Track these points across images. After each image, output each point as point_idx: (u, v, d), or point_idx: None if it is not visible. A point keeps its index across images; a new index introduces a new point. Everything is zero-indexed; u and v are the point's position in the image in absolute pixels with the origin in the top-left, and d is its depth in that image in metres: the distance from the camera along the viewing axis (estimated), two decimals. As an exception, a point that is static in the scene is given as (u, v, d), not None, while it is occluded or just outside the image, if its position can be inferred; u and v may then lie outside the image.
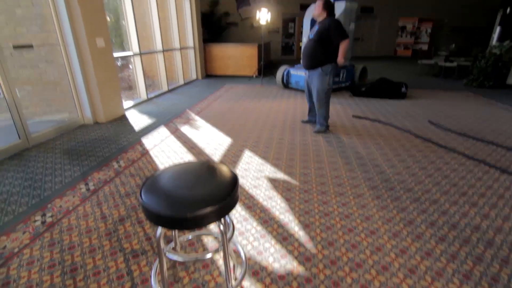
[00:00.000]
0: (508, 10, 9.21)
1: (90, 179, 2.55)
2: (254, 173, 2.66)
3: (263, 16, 6.71)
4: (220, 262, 1.61)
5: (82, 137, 3.62)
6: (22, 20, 3.84)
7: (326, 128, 3.75)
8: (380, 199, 2.25)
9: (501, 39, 8.72)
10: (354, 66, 6.61)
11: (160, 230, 1.14)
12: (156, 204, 1.04)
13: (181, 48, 7.29)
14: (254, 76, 8.31)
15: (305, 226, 1.92)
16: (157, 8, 6.03)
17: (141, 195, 1.09)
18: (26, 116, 3.39)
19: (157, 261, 1.45)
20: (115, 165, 2.82)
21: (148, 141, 3.47)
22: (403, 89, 5.61)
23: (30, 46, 3.68)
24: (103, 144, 3.39)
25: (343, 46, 3.27)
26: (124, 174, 2.64)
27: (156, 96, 5.98)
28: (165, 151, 3.18)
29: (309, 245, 1.75)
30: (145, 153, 3.13)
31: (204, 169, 1.27)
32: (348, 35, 3.30)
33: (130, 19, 5.19)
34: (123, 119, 4.43)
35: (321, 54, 3.38)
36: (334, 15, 3.41)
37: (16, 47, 3.55)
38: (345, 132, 3.81)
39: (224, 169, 1.26)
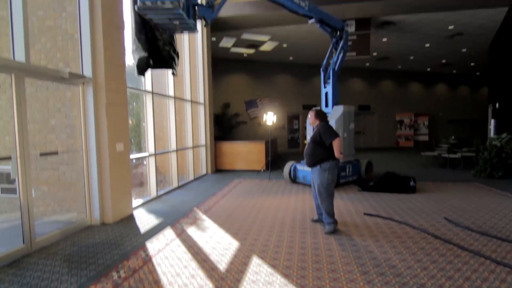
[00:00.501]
0: (497, 105, 9.96)
1: (85, 294, 2.36)
2: (263, 287, 2.43)
3: (270, 118, 7.38)
4: None
5: (86, 241, 3.54)
6: (53, 128, 4.30)
7: (335, 225, 3.67)
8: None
9: (497, 131, 9.12)
10: (359, 160, 6.81)
11: None
12: None
13: (193, 147, 7.79)
14: (262, 170, 8.54)
15: None
16: (175, 111, 6.73)
17: None
18: (35, 216, 3.40)
19: None
20: (115, 276, 2.65)
21: (152, 246, 3.34)
22: (412, 183, 5.59)
23: (55, 153, 4.00)
24: (106, 249, 3.28)
25: (335, 145, 3.58)
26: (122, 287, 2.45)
27: (165, 193, 6.07)
28: (168, 257, 3.03)
29: None
30: (148, 260, 2.97)
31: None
32: (338, 135, 3.67)
33: (150, 122, 5.74)
34: (130, 219, 4.39)
35: (318, 153, 3.69)
36: (326, 120, 3.89)
37: (42, 154, 3.86)
38: (358, 232, 3.63)
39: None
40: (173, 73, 5.04)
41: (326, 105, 6.82)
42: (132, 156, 5.12)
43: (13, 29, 3.35)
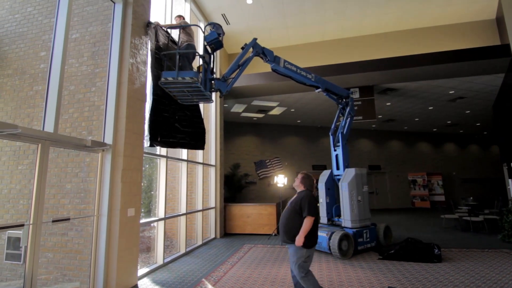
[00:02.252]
0: (512, 165, 9.75)
1: None
2: None
3: (280, 180, 7.36)
4: None
5: (86, 318, 3.26)
6: (68, 193, 4.36)
7: None
8: None
9: (518, 192, 8.75)
10: (377, 225, 6.49)
11: None
12: None
13: (203, 209, 7.65)
14: (274, 234, 8.17)
15: None
16: (187, 174, 6.81)
17: None
18: (37, 285, 3.21)
19: None
20: None
21: (157, 325, 3.04)
22: (436, 251, 5.19)
23: (67, 219, 3.98)
24: (107, 328, 2.99)
25: (306, 222, 3.12)
26: None
27: (172, 260, 5.76)
28: None
29: None
30: None
31: None
32: (316, 215, 3.17)
33: (162, 187, 5.78)
34: (134, 291, 4.11)
35: (297, 226, 3.19)
36: (312, 191, 3.46)
37: (55, 220, 3.84)
38: (384, 310, 3.27)
39: None
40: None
41: (338, 168, 6.83)
42: (142, 221, 5.03)
43: (47, 102, 3.68)
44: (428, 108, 12.58)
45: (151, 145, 4.80)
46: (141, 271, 4.87)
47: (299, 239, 3.11)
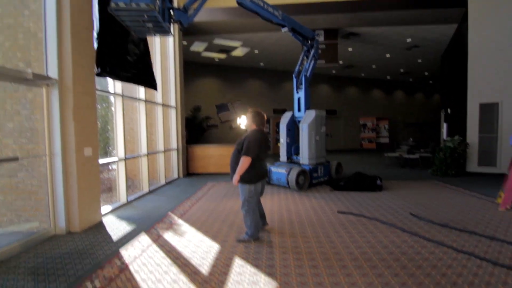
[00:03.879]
0: (449, 110, 10.96)
1: (58, 308, 2.20)
2: (248, 286, 2.45)
3: (243, 122, 7.42)
4: None
5: (51, 252, 3.27)
6: (11, 132, 3.95)
7: (249, 239, 3.39)
8: None
9: (449, 133, 10.04)
10: (330, 162, 7.11)
11: None
12: None
13: (165, 150, 7.57)
14: (236, 173, 8.53)
15: None
16: (146, 115, 6.51)
17: None
18: None
19: None
20: (89, 286, 2.50)
21: (127, 253, 3.19)
22: (379, 182, 5.95)
23: (15, 159, 3.68)
24: (76, 259, 3.07)
25: (241, 162, 3.19)
26: (99, 298, 2.32)
27: (136, 199, 5.82)
28: (146, 264, 2.92)
29: None
30: (124, 268, 2.84)
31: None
32: (252, 155, 3.20)
33: (119, 126, 5.50)
34: (99, 227, 4.15)
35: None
36: (261, 130, 3.47)
37: (1, 160, 3.53)
38: (333, 229, 3.79)
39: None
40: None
41: (299, 110, 7.05)
42: (101, 161, 4.86)
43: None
44: (386, 55, 13.05)
45: (100, 74, 4.40)
46: (105, 209, 4.87)
47: (234, 179, 3.28)
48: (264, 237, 3.57)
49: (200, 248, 3.27)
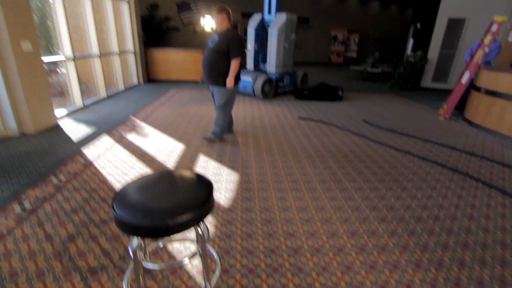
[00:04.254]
0: (418, 25, 10.85)
1: (24, 198, 2.26)
2: (212, 177, 2.67)
3: (208, 23, 6.72)
4: (188, 266, 1.60)
5: (6, 152, 3.16)
6: None
7: (217, 138, 3.54)
8: (326, 182, 2.47)
9: (414, 49, 10.21)
10: (296, 72, 7.05)
11: (136, 241, 1.10)
12: (134, 216, 1.02)
13: (120, 53, 6.86)
14: (201, 81, 8.24)
15: (267, 221, 2.02)
16: (92, 9, 5.59)
17: (114, 209, 1.06)
18: None
19: (127, 273, 1.38)
20: (54, 180, 2.55)
21: (90, 152, 3.20)
22: (340, 93, 6.18)
23: None
24: (35, 158, 3.02)
25: (234, 65, 3.14)
26: (66, 189, 2.40)
27: (93, 104, 5.52)
28: (112, 161, 2.98)
29: (272, 239, 1.84)
30: (88, 165, 2.88)
31: (177, 177, 1.28)
32: (242, 55, 3.18)
33: (61, 20, 4.72)
34: (56, 129, 3.99)
35: (224, 68, 3.18)
36: (235, 26, 3.27)
37: None
38: (293, 132, 4.05)
39: (198, 176, 1.29)
40: None
41: (269, 12, 6.47)
42: (45, 58, 4.31)
43: None
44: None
45: None
46: (60, 112, 4.60)
47: (230, 82, 3.18)
48: (228, 138, 3.73)
49: (166, 148, 3.36)
